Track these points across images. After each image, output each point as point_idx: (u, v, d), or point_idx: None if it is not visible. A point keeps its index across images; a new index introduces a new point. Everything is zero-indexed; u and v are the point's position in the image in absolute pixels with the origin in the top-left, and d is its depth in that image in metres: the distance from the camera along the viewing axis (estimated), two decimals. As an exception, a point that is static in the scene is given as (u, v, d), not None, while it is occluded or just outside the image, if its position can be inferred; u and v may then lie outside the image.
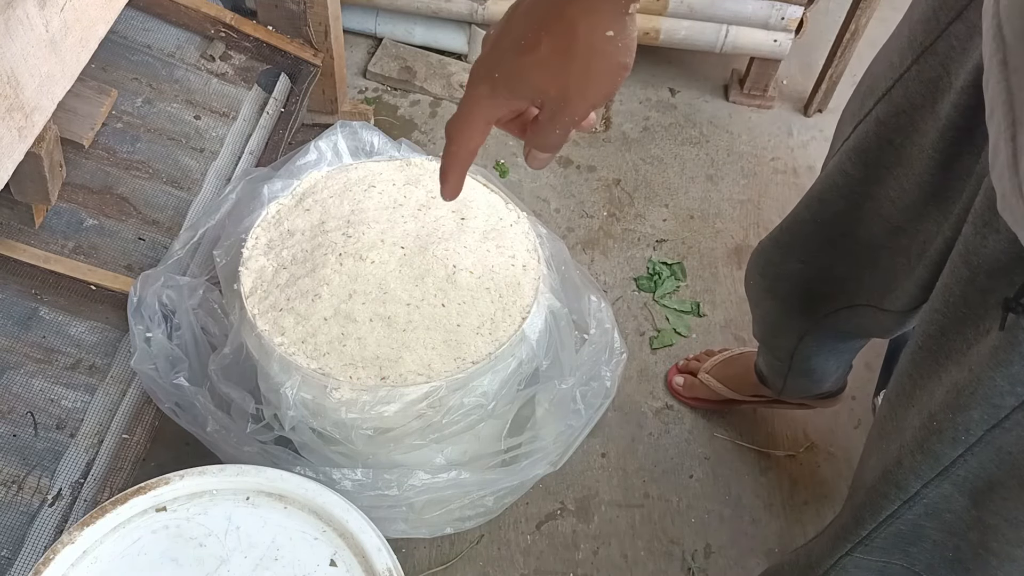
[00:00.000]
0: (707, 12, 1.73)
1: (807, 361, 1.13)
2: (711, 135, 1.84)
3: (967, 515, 0.70)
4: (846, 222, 0.88)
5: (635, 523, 1.30)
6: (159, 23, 1.38)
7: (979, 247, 0.62)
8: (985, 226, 0.61)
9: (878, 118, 0.79)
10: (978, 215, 0.62)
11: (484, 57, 0.54)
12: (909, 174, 0.77)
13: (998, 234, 0.60)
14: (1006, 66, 0.55)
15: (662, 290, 1.57)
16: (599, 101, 0.53)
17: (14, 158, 0.85)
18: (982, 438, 0.64)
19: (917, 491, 0.71)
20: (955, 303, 0.65)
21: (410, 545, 1.23)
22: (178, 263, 1.11)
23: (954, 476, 0.68)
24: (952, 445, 0.66)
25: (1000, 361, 0.60)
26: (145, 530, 0.85)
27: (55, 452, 1.03)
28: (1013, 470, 0.64)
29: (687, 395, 1.41)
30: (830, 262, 0.94)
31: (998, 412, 0.62)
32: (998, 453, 0.64)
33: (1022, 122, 0.53)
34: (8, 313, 1.10)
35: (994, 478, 0.66)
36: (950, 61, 0.71)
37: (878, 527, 0.76)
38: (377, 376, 0.95)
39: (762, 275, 1.06)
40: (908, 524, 0.74)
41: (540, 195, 1.69)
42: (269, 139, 1.38)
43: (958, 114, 0.69)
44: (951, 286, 0.66)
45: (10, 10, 0.76)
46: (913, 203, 0.78)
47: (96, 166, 1.23)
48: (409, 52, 1.88)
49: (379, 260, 1.03)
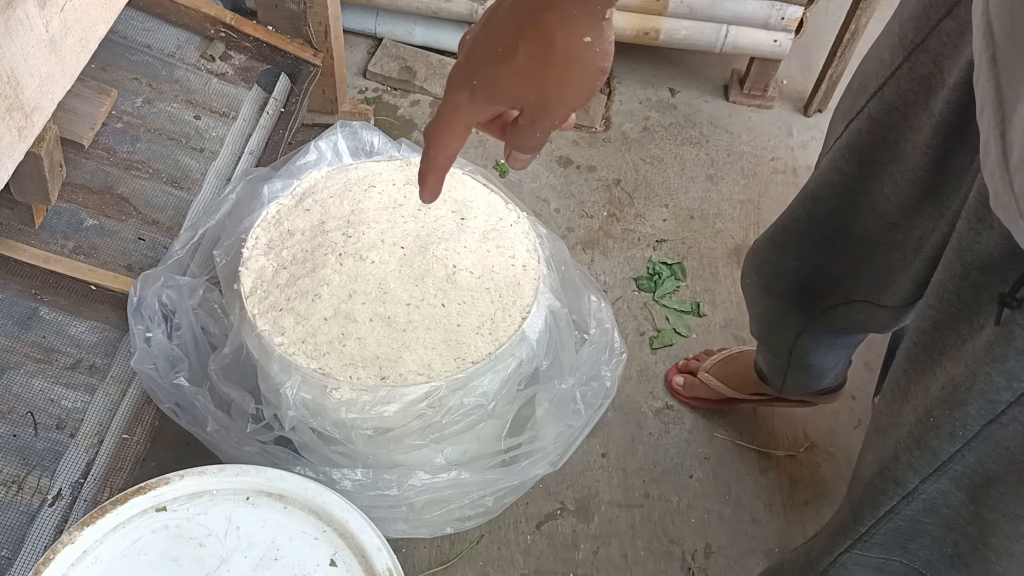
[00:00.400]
0: (707, 12, 1.73)
1: (805, 357, 1.13)
2: (711, 135, 1.84)
3: (965, 511, 0.70)
4: (841, 219, 0.88)
5: (635, 523, 1.30)
6: (159, 23, 1.38)
7: (973, 243, 0.62)
8: (979, 222, 0.61)
9: (871, 115, 0.79)
10: (971, 211, 0.63)
11: (461, 64, 0.54)
12: (903, 170, 0.77)
13: (991, 230, 0.60)
14: (995, 63, 0.55)
15: (662, 290, 1.57)
16: (578, 105, 0.53)
17: (14, 158, 0.85)
18: (979, 433, 0.64)
19: (915, 487, 0.71)
20: (949, 299, 0.66)
21: (410, 545, 1.23)
22: (178, 263, 1.11)
23: (952, 472, 0.68)
24: (949, 441, 0.66)
25: (996, 356, 0.60)
26: (145, 530, 0.85)
27: (55, 452, 1.03)
28: (1011, 465, 0.64)
29: (687, 395, 1.41)
30: (826, 259, 0.94)
31: (994, 407, 0.62)
32: (995, 448, 0.64)
33: (1011, 119, 0.53)
34: (8, 313, 1.10)
35: (992, 473, 0.66)
36: (942, 58, 0.71)
37: (877, 523, 0.76)
38: (377, 376, 0.95)
39: (758, 273, 1.06)
40: (907, 520, 0.74)
41: (540, 195, 1.69)
42: (269, 139, 1.38)
43: (951, 111, 0.69)
44: (945, 282, 0.66)
45: (10, 10, 0.76)
46: (908, 199, 0.79)
47: (96, 166, 1.23)
48: (409, 52, 1.88)
49: (379, 260, 1.03)
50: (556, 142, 1.79)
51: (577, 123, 1.82)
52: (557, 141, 1.79)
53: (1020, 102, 0.52)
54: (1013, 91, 0.53)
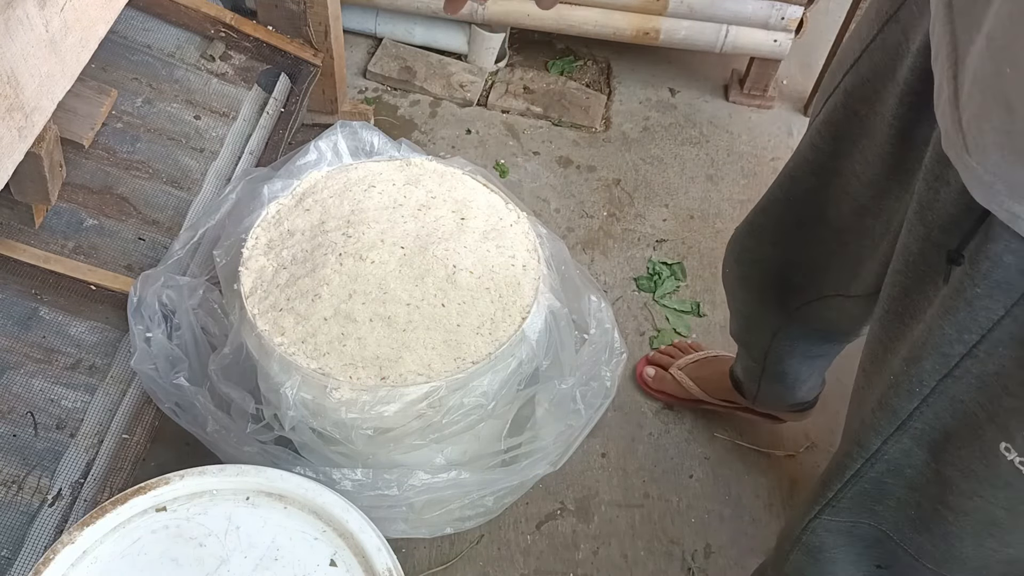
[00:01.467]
0: (707, 12, 1.73)
1: (780, 363, 1.15)
2: (711, 135, 1.84)
3: (927, 469, 0.71)
4: (816, 201, 0.89)
5: (635, 523, 1.30)
6: (159, 23, 1.38)
7: (932, 201, 0.63)
8: (936, 180, 0.63)
9: (846, 89, 0.80)
10: (929, 170, 0.64)
11: None
12: (872, 145, 0.78)
13: (948, 186, 0.61)
14: (951, 8, 0.57)
15: (662, 290, 1.57)
16: None
17: (14, 158, 0.84)
18: (935, 389, 0.65)
19: (878, 448, 0.72)
20: (915, 261, 0.67)
21: (410, 545, 1.23)
22: (178, 263, 1.11)
23: (912, 430, 0.69)
24: (908, 398, 0.67)
25: (947, 309, 0.62)
26: (145, 530, 0.85)
27: (55, 452, 1.03)
28: (965, 419, 0.65)
29: (655, 387, 1.41)
30: (801, 248, 0.95)
31: (948, 361, 0.63)
32: (951, 403, 0.65)
33: (964, 60, 0.55)
34: (8, 313, 1.10)
35: (949, 428, 0.67)
36: (909, 27, 0.72)
37: (843, 487, 0.77)
38: (377, 376, 0.95)
39: (737, 261, 1.07)
40: (872, 482, 0.75)
41: (540, 195, 1.69)
42: (269, 139, 1.38)
43: (915, 77, 0.70)
44: (909, 245, 0.67)
45: (10, 10, 0.76)
46: (876, 177, 0.79)
47: (96, 166, 1.23)
48: (409, 52, 1.88)
49: (379, 260, 1.03)
50: (556, 142, 1.79)
51: (577, 123, 1.82)
52: (557, 141, 1.79)
53: (972, 44, 0.54)
54: (966, 34, 0.55)
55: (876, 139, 0.77)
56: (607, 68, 1.96)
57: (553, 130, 1.82)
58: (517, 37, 1.96)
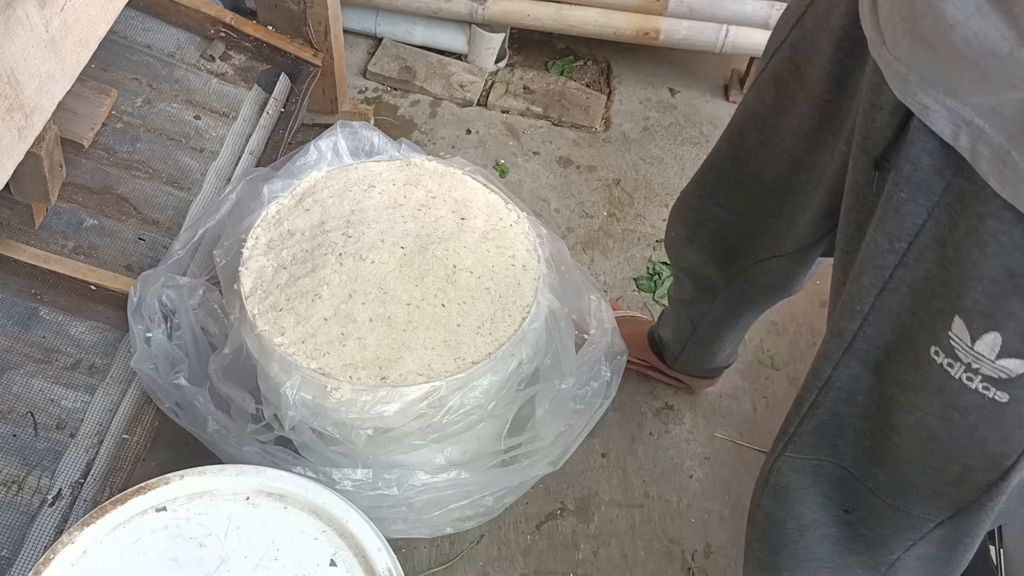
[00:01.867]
0: (707, 12, 1.73)
1: (712, 328, 1.18)
2: (711, 135, 1.84)
3: (874, 393, 0.72)
4: (757, 158, 0.91)
5: (635, 523, 1.30)
6: (159, 23, 1.38)
7: (871, 129, 0.66)
8: (872, 107, 0.65)
9: (792, 43, 0.82)
10: (865, 101, 0.66)
11: None
12: (809, 97, 0.80)
13: (882, 110, 0.64)
14: None
15: (662, 290, 1.57)
16: None
17: (14, 158, 0.85)
18: (874, 305, 0.67)
19: (829, 375, 0.73)
20: (864, 193, 0.69)
21: (410, 545, 1.23)
22: (178, 263, 1.11)
23: (858, 352, 0.70)
24: (851, 318, 0.68)
25: (879, 220, 0.64)
26: (145, 530, 0.85)
27: (55, 452, 1.03)
28: (901, 330, 0.67)
29: None
30: (743, 209, 0.98)
31: (883, 273, 0.65)
32: (889, 317, 0.67)
33: None
34: (8, 313, 1.10)
35: (889, 344, 0.68)
36: None
37: (802, 421, 0.78)
38: (377, 376, 0.95)
39: (683, 223, 1.08)
40: (828, 413, 0.76)
41: (540, 195, 1.69)
42: (269, 139, 1.38)
43: (849, 22, 0.72)
44: (857, 178, 0.69)
45: (10, 10, 0.76)
46: (811, 130, 0.82)
47: (96, 166, 1.23)
48: (409, 52, 1.88)
49: (379, 260, 1.03)
50: (556, 142, 1.79)
51: (577, 123, 1.82)
52: (557, 141, 1.79)
53: None
54: None
55: (813, 89, 0.79)
56: (607, 68, 1.96)
57: (553, 130, 1.82)
58: (517, 37, 1.96)
